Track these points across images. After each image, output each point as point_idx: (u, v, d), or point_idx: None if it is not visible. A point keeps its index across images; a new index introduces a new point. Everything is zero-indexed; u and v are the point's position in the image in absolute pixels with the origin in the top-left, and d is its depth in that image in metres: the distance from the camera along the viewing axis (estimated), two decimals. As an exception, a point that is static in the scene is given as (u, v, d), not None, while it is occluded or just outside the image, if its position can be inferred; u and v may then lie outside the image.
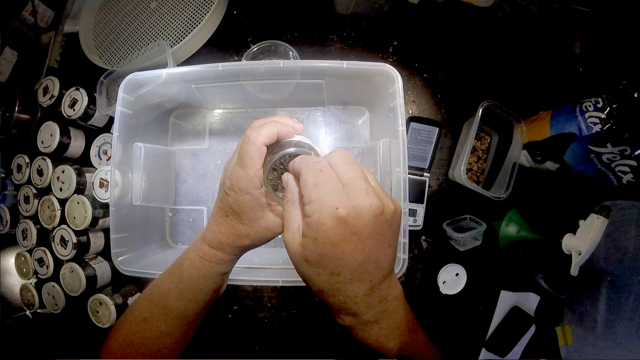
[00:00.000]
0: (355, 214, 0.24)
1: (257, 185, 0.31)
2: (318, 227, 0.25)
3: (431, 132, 0.61)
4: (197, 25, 0.61)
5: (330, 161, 0.27)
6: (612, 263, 0.56)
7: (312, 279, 0.27)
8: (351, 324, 0.28)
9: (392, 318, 0.28)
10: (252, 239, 0.34)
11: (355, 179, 0.26)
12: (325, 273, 0.26)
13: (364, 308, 0.27)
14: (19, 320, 0.68)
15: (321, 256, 0.25)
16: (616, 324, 0.54)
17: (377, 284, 0.27)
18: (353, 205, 0.24)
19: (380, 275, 0.27)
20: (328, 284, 0.26)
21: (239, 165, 0.31)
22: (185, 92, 0.54)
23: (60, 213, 0.61)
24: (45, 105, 0.63)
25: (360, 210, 0.25)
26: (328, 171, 0.26)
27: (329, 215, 0.24)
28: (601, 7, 0.55)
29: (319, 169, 0.26)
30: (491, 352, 0.63)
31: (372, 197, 0.25)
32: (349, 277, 0.26)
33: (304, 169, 0.27)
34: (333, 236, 0.24)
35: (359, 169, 0.27)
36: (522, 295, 0.64)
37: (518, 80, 0.63)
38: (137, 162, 0.50)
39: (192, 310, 0.36)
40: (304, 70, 0.48)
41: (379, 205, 0.25)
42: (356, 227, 0.25)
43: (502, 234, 0.60)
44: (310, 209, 0.25)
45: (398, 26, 0.64)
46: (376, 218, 0.25)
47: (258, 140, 0.30)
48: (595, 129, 0.50)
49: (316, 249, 0.25)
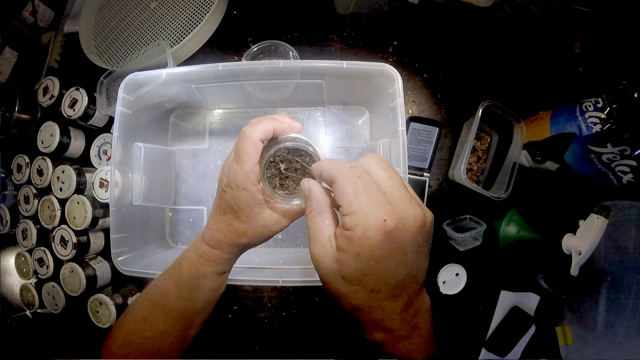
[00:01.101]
0: (402, 227, 0.23)
1: (254, 181, 0.31)
2: (362, 242, 0.22)
3: (431, 132, 0.61)
4: (197, 25, 0.61)
5: (366, 167, 0.25)
6: (612, 263, 0.56)
7: (348, 297, 0.25)
8: (382, 340, 0.26)
9: (422, 332, 0.26)
10: (249, 236, 0.33)
11: (396, 187, 0.24)
12: (364, 290, 0.24)
13: (399, 323, 0.25)
14: (19, 320, 0.68)
15: (362, 273, 0.23)
16: (616, 324, 0.54)
17: (413, 298, 0.25)
18: (400, 217, 0.23)
19: (417, 288, 0.25)
20: (365, 301, 0.24)
21: (235, 161, 0.31)
22: (185, 92, 0.54)
23: (60, 213, 0.61)
24: (45, 105, 0.63)
25: (407, 222, 0.23)
26: (367, 178, 0.24)
27: (375, 228, 0.22)
28: (601, 7, 0.55)
29: (356, 176, 0.24)
30: (491, 352, 0.63)
31: (416, 207, 0.24)
32: (389, 293, 0.24)
33: (339, 175, 0.25)
34: (379, 251, 0.23)
35: (398, 176, 0.25)
36: (522, 295, 0.64)
37: (518, 80, 0.63)
38: (137, 162, 0.50)
39: (191, 309, 0.36)
40: (304, 70, 0.48)
41: (422, 216, 0.24)
42: (402, 240, 0.23)
43: (502, 234, 0.60)
44: (351, 221, 0.23)
45: (398, 26, 0.64)
46: (419, 229, 0.24)
47: (254, 135, 0.30)
48: (595, 129, 0.50)
49: (357, 265, 0.23)
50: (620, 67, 0.55)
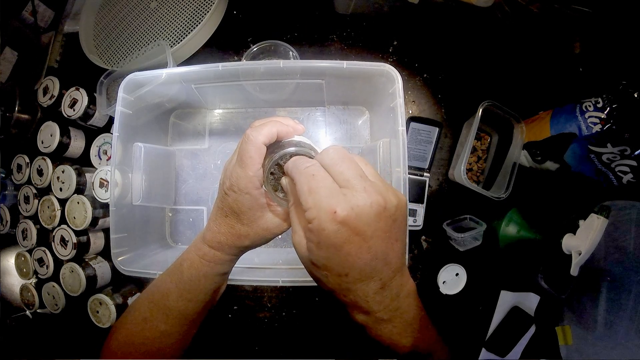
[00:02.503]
0: (355, 215, 0.24)
1: (257, 185, 0.31)
2: (319, 233, 0.24)
3: (431, 132, 0.61)
4: (197, 25, 0.61)
5: (323, 162, 0.27)
6: (612, 263, 0.56)
7: (322, 280, 0.27)
8: (365, 322, 0.28)
9: (405, 316, 0.28)
10: (251, 239, 0.34)
11: (351, 178, 0.25)
12: (333, 275, 0.26)
13: (376, 305, 0.27)
14: (19, 320, 0.68)
15: (326, 259, 0.25)
16: (616, 324, 0.54)
17: (388, 281, 0.26)
18: (352, 207, 0.24)
19: (390, 271, 0.26)
20: (337, 284, 0.26)
21: (238, 165, 0.31)
22: (185, 92, 0.54)
23: (60, 213, 0.61)
24: (45, 105, 0.63)
25: (360, 209, 0.24)
26: (321, 174, 0.26)
27: (328, 220, 0.24)
28: (601, 7, 0.55)
29: (311, 174, 0.26)
30: (491, 352, 0.63)
31: (372, 194, 0.25)
32: (357, 277, 0.25)
33: (296, 175, 0.27)
34: (335, 240, 0.24)
35: (353, 166, 0.27)
36: (522, 295, 0.64)
37: (518, 80, 0.63)
38: (137, 162, 0.50)
39: (192, 310, 0.36)
40: (304, 70, 0.48)
41: (380, 202, 0.25)
42: (358, 227, 0.24)
43: (502, 234, 0.60)
44: (309, 215, 0.25)
45: (398, 26, 0.64)
46: (379, 215, 0.25)
47: (258, 139, 0.30)
48: (595, 129, 0.50)
49: (320, 253, 0.25)
50: (620, 67, 0.55)
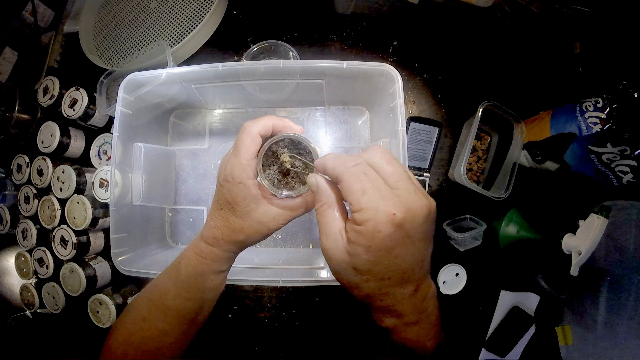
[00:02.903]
0: (411, 218, 0.24)
1: (250, 174, 0.32)
2: (374, 235, 0.24)
3: (431, 132, 0.61)
4: (197, 25, 0.61)
5: (371, 162, 0.26)
6: (612, 263, 0.56)
7: (360, 286, 0.26)
8: (393, 325, 0.27)
9: (431, 317, 0.28)
10: (246, 233, 0.34)
11: (402, 180, 0.25)
12: (375, 279, 0.25)
13: (409, 308, 0.26)
14: (19, 320, 0.68)
15: (373, 263, 0.24)
16: (616, 324, 0.54)
17: (421, 283, 0.26)
18: (407, 209, 0.24)
19: (424, 274, 0.27)
20: (377, 289, 0.25)
21: (233, 154, 0.32)
22: (185, 92, 0.54)
23: (60, 213, 0.61)
24: (45, 105, 0.63)
25: (414, 212, 0.24)
26: (372, 174, 0.25)
27: (385, 222, 0.23)
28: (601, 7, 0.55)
29: (362, 172, 0.25)
30: (491, 352, 0.63)
31: (422, 198, 0.25)
32: (398, 280, 0.25)
33: (344, 174, 0.25)
34: (389, 243, 0.24)
35: (402, 167, 0.26)
36: (522, 295, 0.64)
37: (518, 80, 0.63)
38: (137, 162, 0.50)
39: (190, 308, 0.36)
40: (304, 70, 0.48)
41: (428, 205, 0.25)
42: (410, 230, 0.24)
43: (502, 234, 0.60)
44: (362, 216, 0.24)
45: (398, 26, 0.64)
46: (426, 218, 0.25)
47: (253, 129, 0.31)
48: (595, 129, 0.50)
49: (369, 257, 0.24)
50: (620, 67, 0.55)
